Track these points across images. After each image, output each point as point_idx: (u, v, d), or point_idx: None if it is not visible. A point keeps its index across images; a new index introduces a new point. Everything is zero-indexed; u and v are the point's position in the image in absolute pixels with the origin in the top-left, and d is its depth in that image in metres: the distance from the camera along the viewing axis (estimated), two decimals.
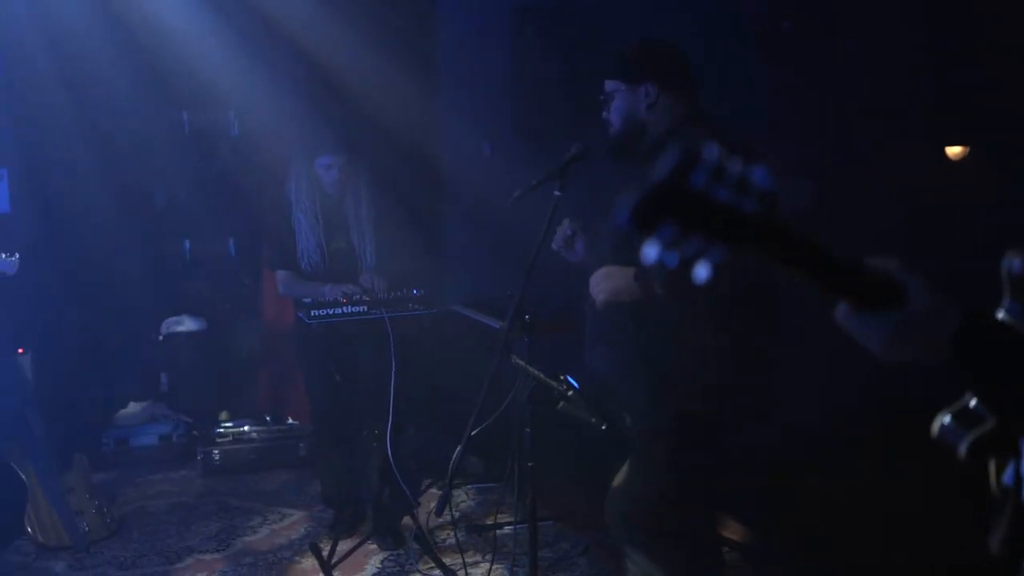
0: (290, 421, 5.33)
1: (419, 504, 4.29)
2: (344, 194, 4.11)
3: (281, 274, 4.12)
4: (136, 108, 5.40)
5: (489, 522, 4.17)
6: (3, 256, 3.58)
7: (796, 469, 3.51)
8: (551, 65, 5.47)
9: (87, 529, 4.19)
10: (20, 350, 4.47)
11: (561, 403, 2.66)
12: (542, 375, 2.67)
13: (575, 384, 2.67)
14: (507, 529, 4.06)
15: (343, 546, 3.93)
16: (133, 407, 5.66)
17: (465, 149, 5.59)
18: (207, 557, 4.08)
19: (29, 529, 4.12)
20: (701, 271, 0.94)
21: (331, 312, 3.79)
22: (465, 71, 5.63)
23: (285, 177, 4.14)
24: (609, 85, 2.62)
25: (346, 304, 3.80)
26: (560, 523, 4.26)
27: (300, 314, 3.93)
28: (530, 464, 2.76)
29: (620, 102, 2.60)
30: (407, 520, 4.09)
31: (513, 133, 5.73)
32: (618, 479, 2.70)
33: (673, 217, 0.92)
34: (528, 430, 2.76)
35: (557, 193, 2.59)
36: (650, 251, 0.93)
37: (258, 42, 5.28)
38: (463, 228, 5.65)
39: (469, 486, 4.74)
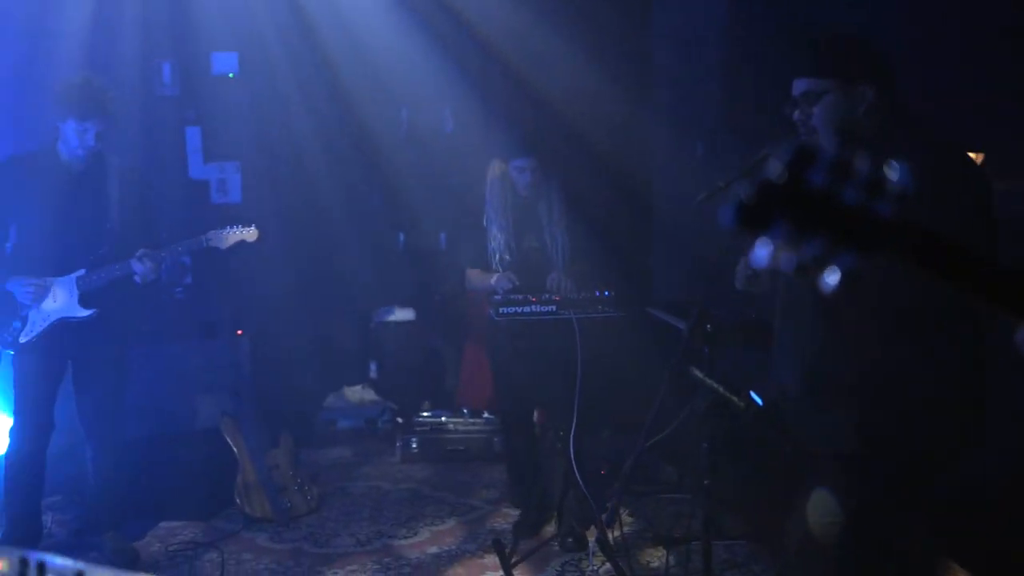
0: (486, 415, 5.39)
1: (606, 509, 4.19)
2: (537, 197, 4.11)
3: (469, 272, 4.18)
4: (359, 105, 5.63)
5: (676, 535, 4.01)
6: (240, 227, 3.81)
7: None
8: (767, 61, 5.21)
9: (289, 505, 4.41)
10: (239, 331, 4.77)
11: (743, 420, 2.49)
12: (721, 389, 2.50)
13: (759, 401, 2.49)
14: (695, 544, 3.88)
15: (525, 545, 3.91)
16: (345, 391, 5.94)
17: (674, 149, 5.43)
18: (395, 543, 4.18)
19: (238, 500, 4.38)
20: (830, 278, 0.81)
21: (519, 310, 3.78)
22: (677, 68, 5.47)
23: (482, 176, 4.18)
24: (812, 84, 2.36)
25: (535, 303, 3.77)
26: (753, 544, 4.03)
27: (490, 311, 3.94)
28: (706, 482, 2.60)
29: (830, 104, 2.33)
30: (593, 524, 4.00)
31: (727, 132, 5.51)
32: (802, 504, 2.49)
33: (786, 216, 0.78)
34: (706, 445, 2.61)
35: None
36: (760, 252, 0.80)
37: (465, 41, 5.37)
38: (672, 229, 5.49)
39: (661, 495, 4.59)
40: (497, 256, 4.08)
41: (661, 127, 5.49)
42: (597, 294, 3.82)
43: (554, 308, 3.79)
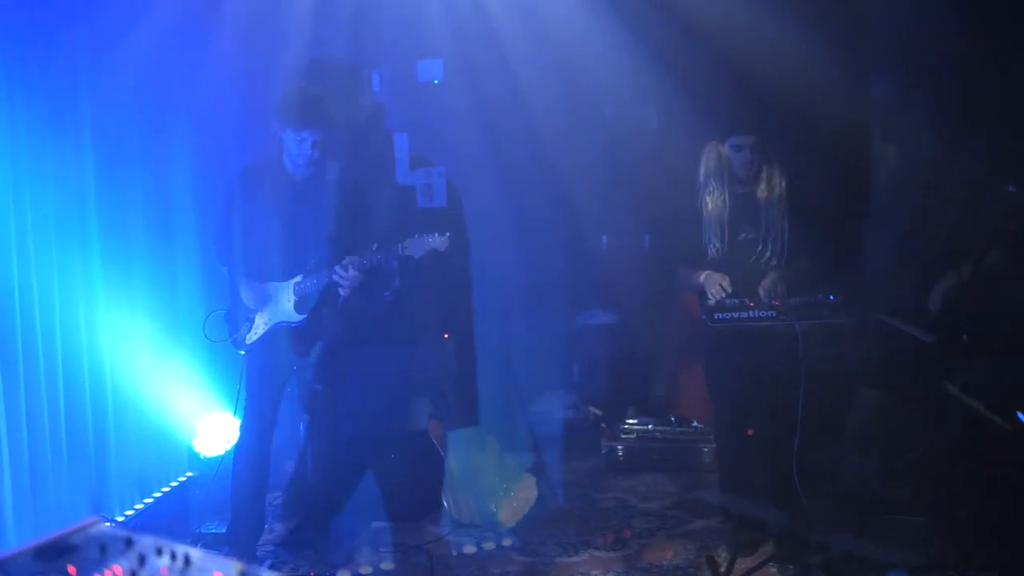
0: (695, 424, 5.17)
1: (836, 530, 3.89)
2: (756, 179, 3.85)
3: (680, 268, 3.97)
4: (560, 108, 5.53)
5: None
6: (436, 235, 3.80)
7: None
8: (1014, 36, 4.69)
9: (495, 510, 4.37)
10: (446, 335, 4.78)
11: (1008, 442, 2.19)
12: (982, 408, 2.21)
13: None
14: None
15: (741, 564, 3.69)
16: (547, 395, 5.87)
17: (904, 136, 5.00)
18: (602, 555, 4.05)
19: (445, 504, 4.38)
20: None
21: (736, 316, 3.56)
22: (906, 44, 5.02)
23: (693, 170, 3.97)
24: None
25: (752, 307, 3.54)
26: None
27: (704, 315, 3.74)
28: (960, 513, 2.31)
29: None
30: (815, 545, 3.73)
31: (963, 119, 5.02)
32: None
33: None
34: (962, 471, 2.32)
35: (1011, 189, 2.13)
36: None
37: (669, 31, 5.15)
38: (907, 226, 5.06)
39: (891, 515, 4.22)
40: (711, 244, 3.86)
41: (889, 112, 5.06)
42: (821, 298, 3.54)
43: (774, 314, 3.55)
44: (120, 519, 4.04)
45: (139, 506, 4.25)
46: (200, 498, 4.49)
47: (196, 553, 1.79)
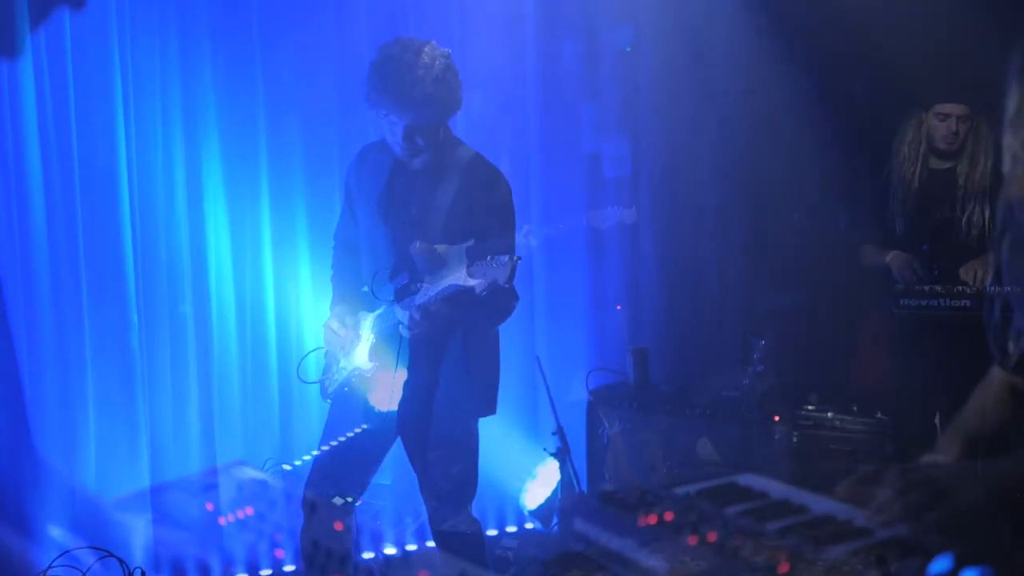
0: (879, 415, 4.86)
1: None
2: (959, 154, 3.54)
3: (865, 247, 3.72)
4: (756, 75, 5.28)
5: None
6: (620, 208, 3.71)
7: None
8: None
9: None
10: (619, 306, 4.73)
11: None
12: None
13: None
14: None
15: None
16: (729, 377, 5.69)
17: None
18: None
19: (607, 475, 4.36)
20: None
21: (922, 303, 3.31)
22: None
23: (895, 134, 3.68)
24: None
25: (943, 295, 3.28)
26: None
27: (889, 299, 3.50)
28: None
29: None
30: None
31: None
32: None
33: None
34: None
35: None
36: None
37: None
38: None
39: None
40: (898, 222, 3.60)
41: None
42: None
43: (968, 303, 3.28)
44: (289, 467, 4.22)
45: (313, 453, 4.43)
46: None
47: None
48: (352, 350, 3.17)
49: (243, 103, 4.06)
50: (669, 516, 1.32)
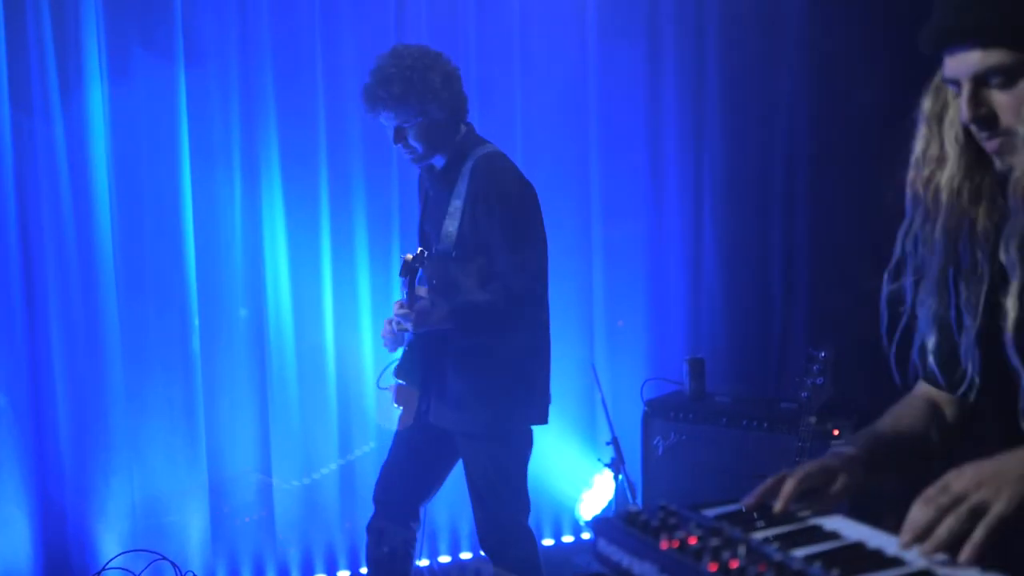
0: None
1: None
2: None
3: None
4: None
5: None
6: None
7: None
8: None
9: None
10: (620, 322, 4.67)
11: None
12: None
13: None
14: None
15: None
16: (788, 389, 5.55)
17: None
18: None
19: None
20: None
21: None
22: None
23: None
24: None
25: None
26: None
27: None
28: None
29: None
30: None
31: None
32: None
33: None
34: None
35: None
36: None
37: None
38: None
39: None
40: None
41: None
42: None
43: None
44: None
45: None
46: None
47: None
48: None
49: (303, 107, 4.10)
50: (692, 540, 1.28)
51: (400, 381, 3.18)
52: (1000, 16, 1.40)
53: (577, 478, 4.54)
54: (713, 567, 1.21)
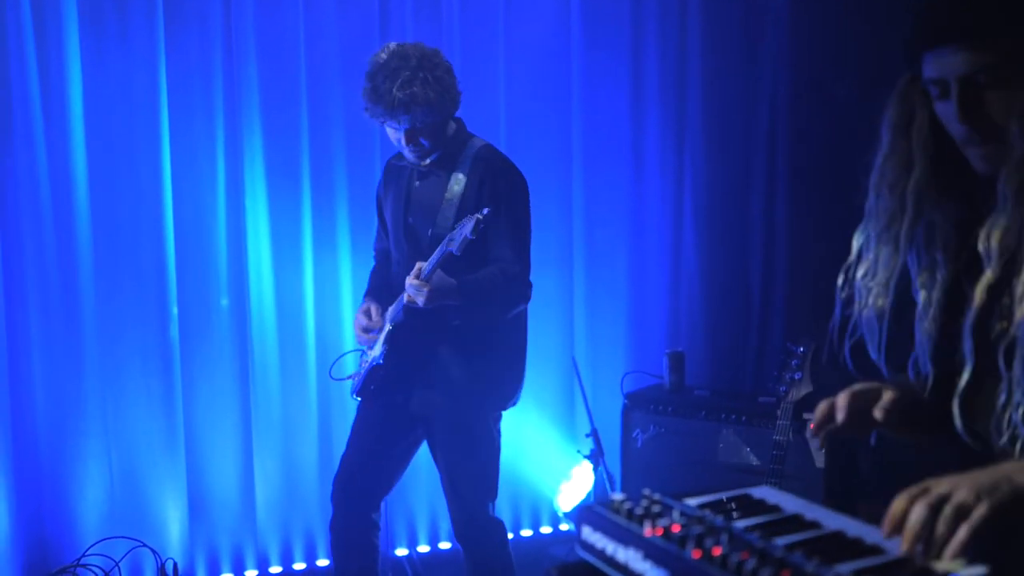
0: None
1: None
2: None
3: None
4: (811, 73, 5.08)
5: None
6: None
7: None
8: None
9: None
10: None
11: None
12: None
13: None
14: None
15: None
16: (766, 384, 5.61)
17: None
18: None
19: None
20: None
21: None
22: None
23: None
24: None
25: None
26: None
27: None
28: None
29: None
30: None
31: None
32: None
33: None
34: None
35: None
36: None
37: None
38: None
39: None
40: None
41: None
42: None
43: None
44: None
45: None
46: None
47: None
48: (376, 342, 3.22)
49: (286, 95, 4.10)
50: (676, 528, 1.30)
51: (358, 399, 3.23)
52: (991, 14, 1.40)
53: (556, 470, 4.56)
54: (697, 554, 1.23)
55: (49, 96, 3.73)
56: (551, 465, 4.56)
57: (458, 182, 3.01)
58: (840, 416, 1.56)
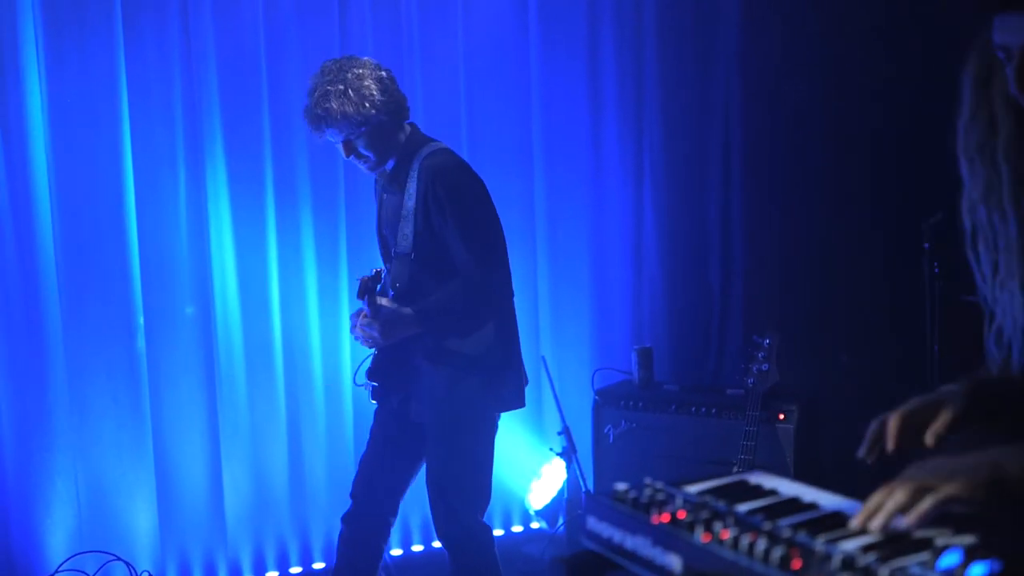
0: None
1: None
2: None
3: None
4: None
5: None
6: None
7: None
8: None
9: None
10: None
11: None
12: None
13: None
14: None
15: None
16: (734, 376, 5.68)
17: None
18: None
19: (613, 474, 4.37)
20: None
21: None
22: None
23: None
24: None
25: None
26: None
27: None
28: None
29: None
30: None
31: None
32: None
33: None
34: None
35: None
36: None
37: None
38: None
39: None
40: None
41: None
42: None
43: None
44: None
45: None
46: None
47: None
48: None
49: (247, 101, 4.07)
50: (682, 514, 1.33)
51: (373, 383, 3.19)
52: None
53: (526, 468, 4.59)
54: (707, 538, 1.27)
55: (7, 107, 3.68)
56: (521, 464, 4.59)
57: (410, 196, 3.00)
58: (890, 445, 1.53)
